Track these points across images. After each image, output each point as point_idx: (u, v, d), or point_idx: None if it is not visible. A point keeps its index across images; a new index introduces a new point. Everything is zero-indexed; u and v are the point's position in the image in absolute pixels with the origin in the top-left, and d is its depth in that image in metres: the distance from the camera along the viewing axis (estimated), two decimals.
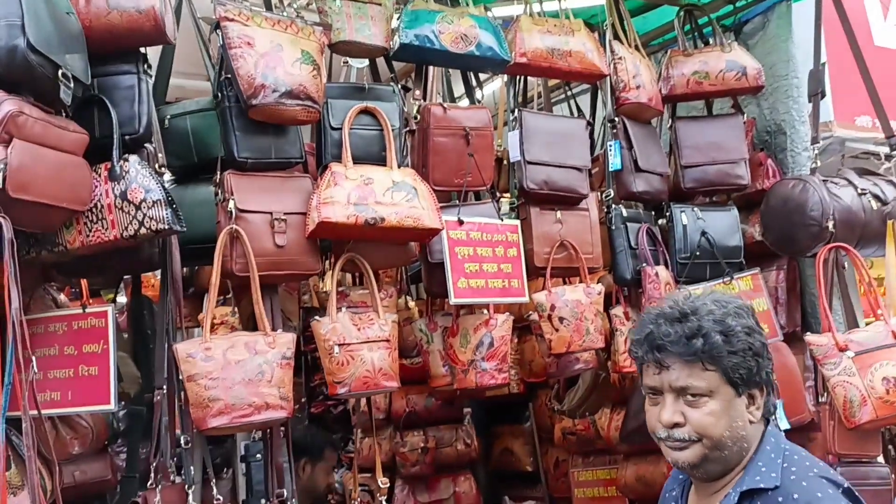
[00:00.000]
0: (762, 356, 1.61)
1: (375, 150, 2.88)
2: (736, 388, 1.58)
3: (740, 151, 3.69)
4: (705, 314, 1.60)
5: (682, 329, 1.59)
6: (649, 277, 3.30)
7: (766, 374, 1.62)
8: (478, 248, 2.98)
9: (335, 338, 2.67)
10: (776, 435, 1.64)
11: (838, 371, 3.08)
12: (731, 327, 1.58)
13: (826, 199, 3.36)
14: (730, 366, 1.57)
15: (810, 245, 3.41)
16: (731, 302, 1.64)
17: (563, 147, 3.28)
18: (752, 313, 1.66)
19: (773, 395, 1.64)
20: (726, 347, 1.56)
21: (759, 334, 1.62)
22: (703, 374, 1.58)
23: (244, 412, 2.41)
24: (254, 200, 2.66)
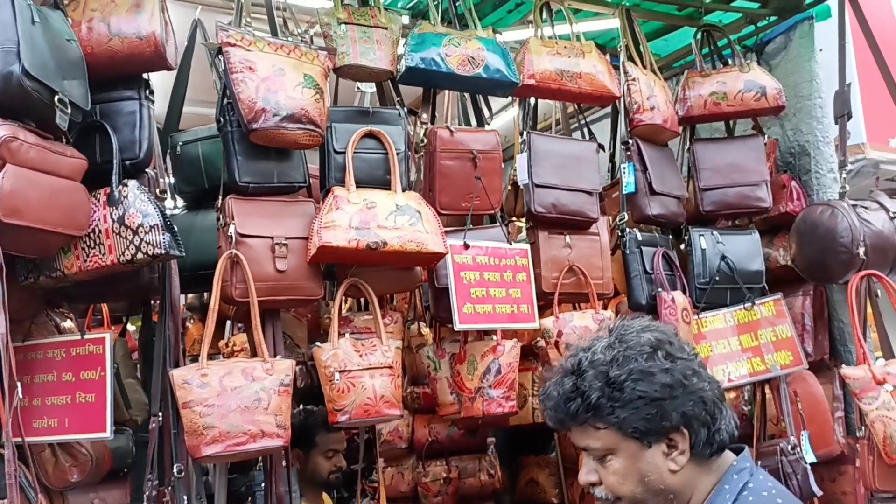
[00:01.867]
0: (668, 397, 1.38)
1: (380, 174, 2.84)
2: (639, 441, 1.41)
3: (761, 173, 3.59)
4: (587, 368, 1.42)
5: (561, 390, 1.44)
6: (665, 303, 3.20)
7: (686, 413, 1.39)
8: (485, 273, 2.92)
9: (336, 364, 2.62)
10: (742, 472, 1.43)
11: (877, 405, 2.94)
12: (615, 379, 1.40)
13: (856, 225, 3.24)
14: (621, 421, 1.40)
15: (842, 273, 3.29)
16: (626, 342, 1.44)
17: (572, 170, 3.22)
18: (657, 347, 1.42)
19: (721, 423, 1.42)
20: (610, 403, 1.39)
21: (660, 374, 1.39)
22: (597, 433, 1.42)
23: (239, 440, 2.37)
24: (255, 225, 2.64)
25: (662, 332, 1.46)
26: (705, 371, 1.45)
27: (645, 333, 1.45)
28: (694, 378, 1.41)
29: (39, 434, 2.41)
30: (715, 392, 1.44)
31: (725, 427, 1.43)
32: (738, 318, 3.44)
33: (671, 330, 1.51)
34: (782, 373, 3.39)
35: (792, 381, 3.42)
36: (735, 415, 1.49)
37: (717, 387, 1.46)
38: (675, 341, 1.46)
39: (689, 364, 1.43)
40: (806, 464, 3.21)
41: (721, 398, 1.45)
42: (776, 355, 3.39)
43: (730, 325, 3.44)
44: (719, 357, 3.40)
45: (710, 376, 1.46)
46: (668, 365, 1.41)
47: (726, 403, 1.46)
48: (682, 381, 1.40)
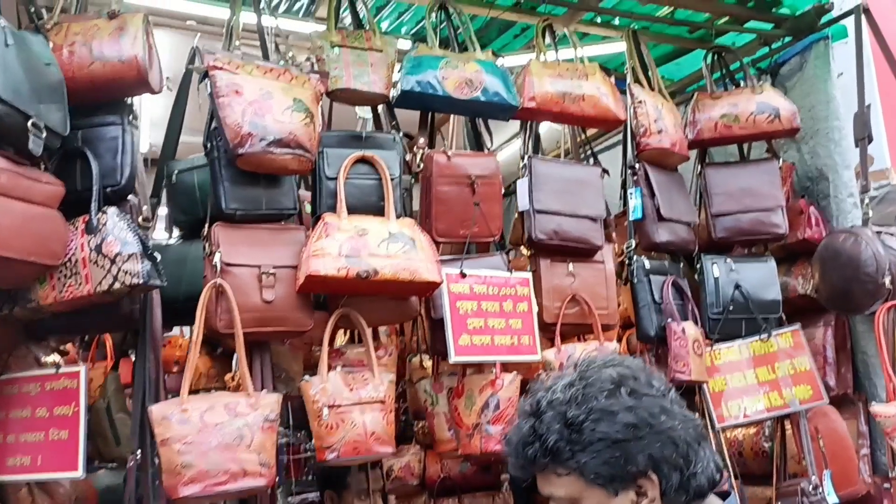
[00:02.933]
0: (633, 438, 1.24)
1: (373, 200, 2.74)
2: (604, 488, 1.26)
3: (776, 198, 3.44)
4: (546, 409, 1.29)
5: (519, 434, 1.31)
6: (675, 334, 3.05)
7: (653, 455, 1.24)
8: (483, 303, 2.80)
9: (324, 399, 2.50)
10: None
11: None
12: (574, 420, 1.26)
13: (881, 253, 3.09)
14: (581, 466, 1.26)
15: (867, 303, 3.14)
16: (586, 378, 1.30)
17: (575, 195, 3.10)
18: (620, 384, 1.28)
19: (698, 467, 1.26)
20: (569, 447, 1.25)
21: (623, 413, 1.25)
22: (559, 480, 1.29)
23: (219, 480, 2.25)
24: (241, 253, 2.54)
25: (627, 367, 1.32)
26: (680, 408, 1.30)
27: (607, 369, 1.31)
28: (662, 416, 1.26)
29: (13, 472, 2.31)
30: (690, 431, 1.28)
31: (703, 470, 1.27)
32: (754, 349, 3.28)
33: (638, 364, 1.36)
34: (801, 408, 3.21)
35: (813, 416, 3.24)
36: (717, 456, 1.34)
37: (695, 425, 1.30)
38: (641, 376, 1.31)
39: (657, 401, 1.27)
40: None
41: (699, 438, 1.29)
42: (795, 389, 3.21)
43: (745, 358, 3.28)
44: (734, 391, 3.24)
45: (684, 414, 1.30)
46: (632, 402, 1.26)
47: (707, 443, 1.31)
48: (648, 421, 1.25)
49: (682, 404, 1.32)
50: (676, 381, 3.07)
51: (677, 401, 1.31)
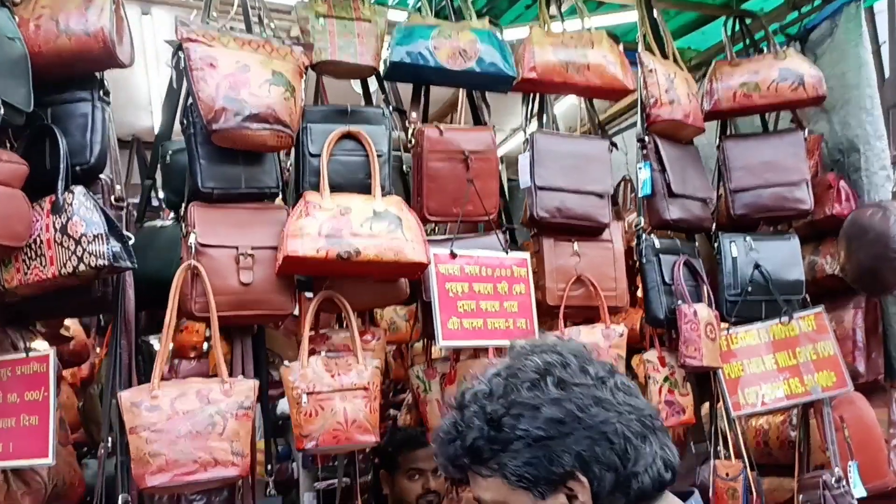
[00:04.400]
0: (557, 436, 1.09)
1: (360, 178, 2.61)
2: (529, 492, 1.11)
3: (800, 172, 3.21)
4: (470, 402, 1.15)
5: (443, 430, 1.18)
6: (686, 317, 2.87)
7: (582, 454, 1.09)
8: (475, 285, 2.66)
9: (304, 385, 2.39)
10: None
11: None
12: (493, 415, 1.12)
13: None
14: (503, 468, 1.12)
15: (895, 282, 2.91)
16: (511, 368, 1.15)
17: (581, 171, 2.92)
18: (546, 373, 1.12)
19: (639, 464, 1.10)
20: (489, 446, 1.12)
21: (547, 407, 1.10)
22: (485, 482, 1.15)
23: (188, 469, 2.16)
24: (218, 234, 2.44)
25: (557, 353, 1.15)
26: (626, 396, 1.13)
27: (534, 356, 1.15)
28: (595, 409, 1.11)
29: None
30: (632, 425, 1.11)
31: (647, 469, 1.10)
32: (774, 333, 3.07)
33: (575, 348, 1.18)
34: (824, 395, 3.00)
35: (838, 404, 3.02)
36: (671, 450, 1.15)
37: (642, 416, 1.13)
38: (572, 363, 1.14)
39: (590, 391, 1.11)
40: (853, 499, 2.81)
41: (645, 431, 1.12)
42: (817, 376, 3.00)
43: (764, 342, 3.08)
44: (752, 377, 3.04)
45: (629, 404, 1.13)
46: (559, 394, 1.11)
47: (657, 437, 1.13)
48: (576, 415, 1.10)
49: (629, 391, 1.16)
50: (687, 366, 2.90)
51: (623, 388, 1.15)
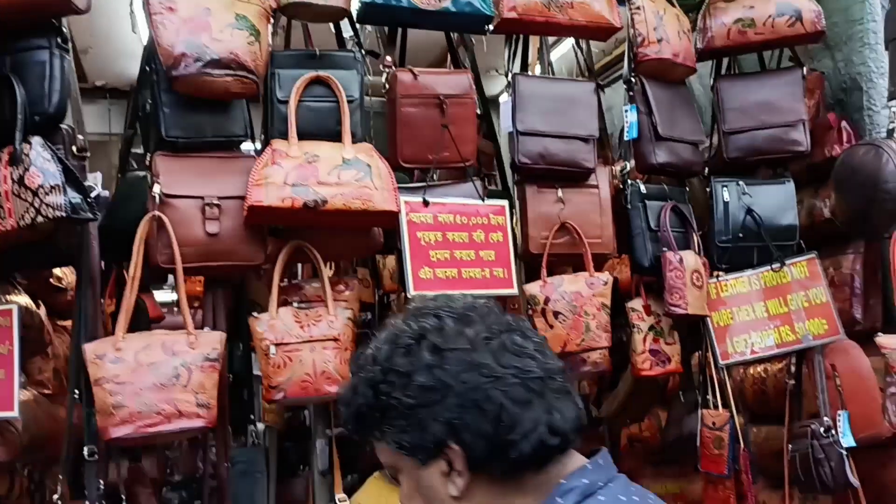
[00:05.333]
0: (427, 404, 1.03)
1: (330, 125, 2.54)
2: (412, 458, 1.06)
3: (797, 112, 3.08)
4: (364, 363, 1.09)
5: (342, 394, 1.13)
6: (671, 264, 2.79)
7: (452, 422, 1.02)
8: (448, 234, 2.60)
9: (272, 336, 2.37)
10: (569, 493, 1.03)
11: None
12: (373, 381, 1.06)
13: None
14: (384, 435, 1.07)
15: (886, 224, 2.81)
16: (392, 331, 1.09)
17: (564, 115, 2.82)
18: (421, 337, 1.05)
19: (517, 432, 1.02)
20: (371, 412, 1.07)
21: (419, 373, 1.03)
22: (378, 446, 1.11)
23: (151, 421, 2.15)
24: (183, 184, 2.40)
25: (436, 317, 1.08)
26: (514, 357, 1.04)
27: (412, 320, 1.08)
28: (467, 374, 1.03)
29: None
30: (515, 389, 1.03)
31: (527, 436, 1.02)
32: (766, 280, 2.98)
33: (459, 306, 1.10)
34: (814, 343, 2.92)
35: (830, 352, 2.94)
36: (561, 413, 1.04)
37: (528, 378, 1.04)
38: (448, 326, 1.06)
39: (465, 356, 1.04)
40: (842, 449, 2.75)
41: (530, 395, 1.03)
42: (808, 323, 2.92)
43: (755, 290, 2.99)
44: (741, 326, 2.97)
45: (518, 365, 1.04)
46: (432, 360, 1.04)
47: (549, 399, 1.04)
48: (447, 382, 1.03)
49: (521, 351, 1.06)
50: (672, 315, 2.83)
51: (514, 348, 1.06)
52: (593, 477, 1.05)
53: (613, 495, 1.04)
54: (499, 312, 1.11)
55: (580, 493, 1.03)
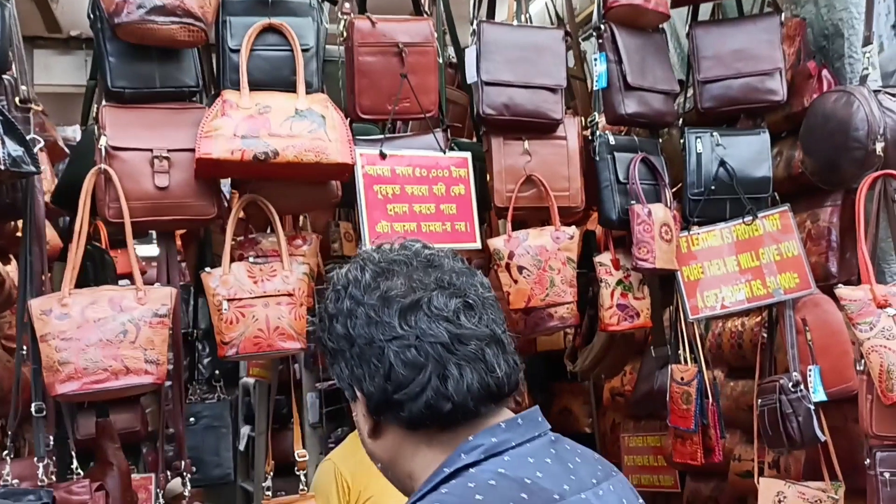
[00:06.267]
0: (340, 350, 1.08)
1: (285, 75, 2.47)
2: (345, 392, 1.12)
3: (773, 60, 2.98)
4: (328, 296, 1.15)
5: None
6: (638, 218, 2.73)
7: (354, 371, 1.06)
8: (407, 187, 2.54)
9: (225, 292, 2.33)
10: (473, 451, 1.02)
11: (874, 333, 2.42)
12: (319, 316, 1.14)
13: (874, 115, 2.64)
14: (329, 364, 1.15)
15: (855, 174, 2.71)
16: (336, 276, 1.13)
17: (531, 64, 2.74)
18: (347, 286, 1.08)
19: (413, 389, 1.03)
20: (320, 345, 1.14)
21: (338, 321, 1.07)
22: None
23: (98, 378, 2.12)
24: (131, 136, 2.34)
25: (361, 268, 1.09)
26: (415, 319, 1.03)
27: (348, 267, 1.11)
28: (368, 329, 1.04)
29: None
30: (409, 352, 1.02)
31: (415, 398, 1.02)
32: (738, 233, 2.92)
33: (386, 259, 1.09)
34: (785, 298, 2.87)
35: (802, 307, 2.88)
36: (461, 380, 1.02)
37: (429, 343, 1.03)
38: (367, 279, 1.07)
39: (373, 311, 1.04)
40: (810, 403, 2.72)
41: (426, 361, 1.02)
42: (779, 277, 2.86)
43: (727, 243, 2.93)
44: (712, 280, 2.91)
45: (423, 327, 1.03)
46: (347, 310, 1.07)
47: (448, 364, 1.03)
48: (352, 333, 1.06)
49: (432, 313, 1.04)
50: (639, 269, 2.78)
51: (424, 309, 1.04)
52: (505, 436, 1.04)
53: (521, 456, 1.03)
54: (443, 267, 1.09)
55: (484, 450, 1.02)
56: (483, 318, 1.07)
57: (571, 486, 1.02)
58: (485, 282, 1.12)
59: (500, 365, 1.06)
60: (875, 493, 2.43)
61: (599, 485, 1.06)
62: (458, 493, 0.97)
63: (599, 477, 1.08)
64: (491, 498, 0.96)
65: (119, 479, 2.56)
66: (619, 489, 1.10)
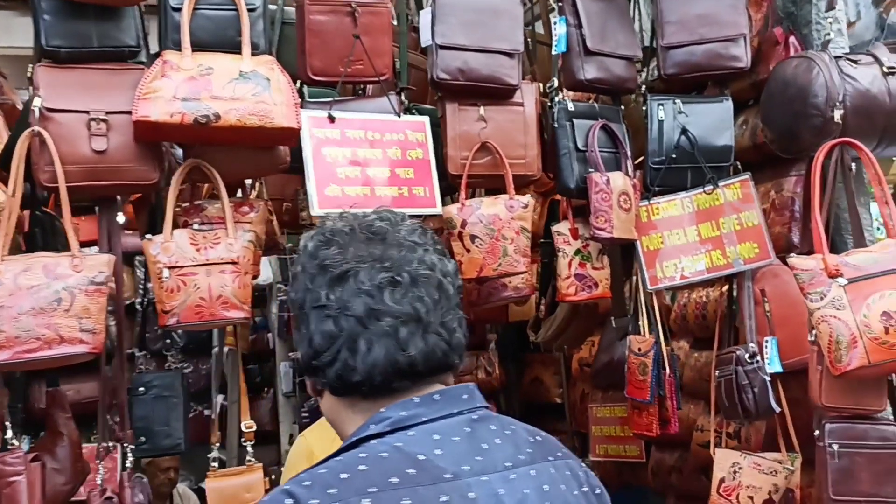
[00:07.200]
0: (294, 310, 1.11)
1: (230, 35, 2.38)
2: None
3: (738, 26, 2.91)
4: None
5: None
6: (596, 186, 2.68)
7: (301, 333, 1.10)
8: (359, 150, 2.47)
9: (166, 259, 2.27)
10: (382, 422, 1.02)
11: (825, 303, 2.39)
12: None
13: (833, 81, 2.59)
14: None
15: (813, 142, 2.66)
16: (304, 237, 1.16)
17: (487, 27, 2.66)
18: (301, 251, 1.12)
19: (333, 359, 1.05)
20: None
21: (292, 287, 1.12)
22: None
23: (30, 346, 2.06)
24: (67, 98, 2.26)
25: (310, 236, 1.11)
26: (340, 291, 1.04)
27: (307, 236, 1.13)
28: (302, 296, 1.09)
29: None
30: (328, 323, 1.04)
31: (329, 366, 1.05)
32: (698, 203, 2.87)
33: (330, 229, 1.11)
34: (745, 268, 2.83)
35: (761, 277, 2.85)
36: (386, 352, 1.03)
37: (343, 314, 1.03)
38: (310, 248, 1.10)
39: (308, 280, 1.08)
40: (766, 375, 2.69)
41: (338, 332, 1.04)
42: (739, 247, 2.82)
43: (688, 213, 2.89)
44: (672, 250, 2.87)
45: (344, 300, 1.04)
46: (295, 272, 1.12)
47: (358, 338, 1.03)
48: (293, 299, 1.11)
49: (355, 286, 1.04)
50: (597, 238, 2.73)
51: (349, 281, 1.04)
52: (416, 411, 1.03)
53: (427, 432, 1.02)
54: (385, 240, 1.08)
55: (391, 423, 1.02)
56: (408, 295, 1.04)
57: (474, 467, 0.99)
58: (427, 258, 1.08)
59: (416, 344, 1.04)
60: (824, 465, 2.42)
61: (515, 468, 1.02)
62: (346, 463, 0.97)
63: (522, 461, 1.04)
64: (375, 470, 0.95)
65: (69, 449, 2.51)
66: (547, 475, 1.05)
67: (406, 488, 0.93)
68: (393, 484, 0.93)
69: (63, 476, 2.45)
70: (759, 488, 2.71)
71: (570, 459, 1.10)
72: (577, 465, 1.11)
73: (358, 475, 0.94)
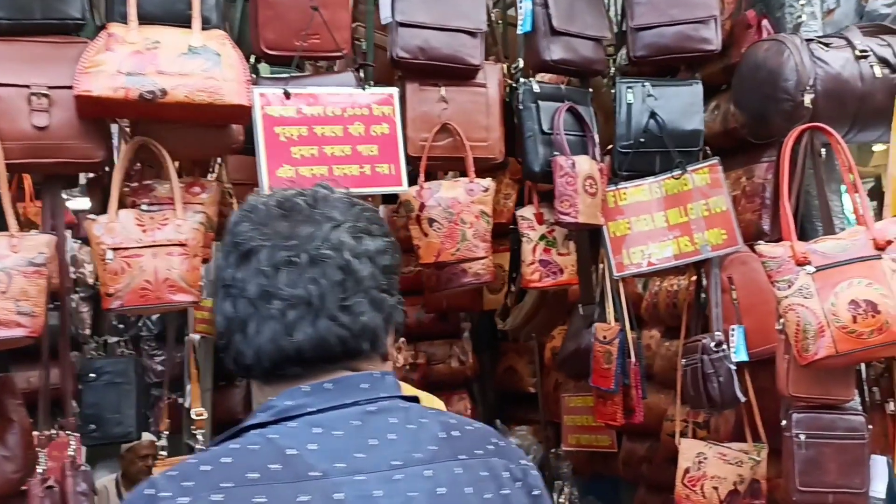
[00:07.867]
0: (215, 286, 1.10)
1: (180, 9, 2.29)
2: None
3: (708, 7, 2.85)
4: None
5: None
6: (562, 170, 2.61)
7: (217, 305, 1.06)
8: (316, 128, 2.39)
9: (110, 240, 2.18)
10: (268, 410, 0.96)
11: (792, 291, 2.33)
12: None
13: (804, 65, 2.53)
14: None
15: (784, 126, 2.61)
16: None
17: (448, 5, 2.59)
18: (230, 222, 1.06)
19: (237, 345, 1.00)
20: None
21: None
22: None
23: None
24: (6, 71, 2.17)
25: (238, 211, 1.04)
26: (243, 270, 0.98)
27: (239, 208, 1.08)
28: (219, 272, 1.04)
29: None
30: (227, 302, 0.99)
31: (225, 348, 1.00)
32: (667, 188, 2.81)
33: (252, 205, 1.03)
34: (713, 254, 2.78)
35: (728, 264, 2.80)
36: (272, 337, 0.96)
37: (240, 295, 0.98)
38: (231, 223, 1.03)
39: (223, 257, 1.02)
40: (731, 364, 2.64)
41: (233, 313, 0.98)
42: (707, 234, 2.77)
43: (656, 198, 2.83)
44: (639, 236, 2.81)
45: (243, 279, 0.98)
46: (219, 248, 1.12)
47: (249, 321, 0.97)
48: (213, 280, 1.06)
49: (255, 266, 0.97)
50: (562, 223, 2.67)
51: (252, 261, 0.98)
52: (303, 400, 0.96)
53: (308, 424, 0.94)
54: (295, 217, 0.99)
55: (276, 412, 0.95)
56: (303, 277, 0.96)
57: (350, 465, 0.91)
58: (334, 237, 0.98)
59: (304, 329, 0.95)
60: (791, 455, 2.37)
61: (405, 468, 0.93)
62: (215, 454, 0.92)
63: (416, 459, 0.94)
64: (239, 463, 0.89)
65: (20, 436, 2.43)
66: (446, 477, 0.94)
67: (263, 485, 0.87)
68: (250, 480, 0.87)
69: (13, 464, 2.37)
70: (725, 479, 2.66)
71: (496, 458, 0.99)
72: (506, 463, 1.00)
73: (219, 468, 0.88)
